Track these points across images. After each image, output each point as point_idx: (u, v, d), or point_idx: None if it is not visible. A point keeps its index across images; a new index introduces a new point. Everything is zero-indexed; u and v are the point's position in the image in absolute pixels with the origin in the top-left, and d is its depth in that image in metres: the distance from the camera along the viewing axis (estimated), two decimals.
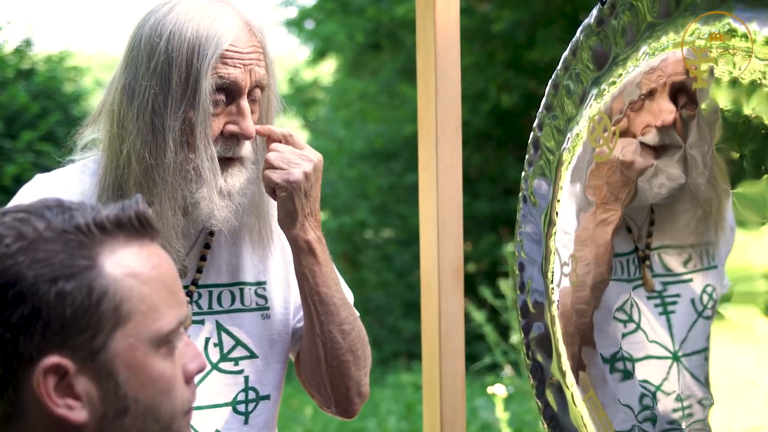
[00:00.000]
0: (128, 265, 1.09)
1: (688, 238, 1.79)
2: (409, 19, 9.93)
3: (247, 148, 1.70)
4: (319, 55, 12.48)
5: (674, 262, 1.81)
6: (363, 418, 6.74)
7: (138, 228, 1.11)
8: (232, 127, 1.66)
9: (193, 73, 1.62)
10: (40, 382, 1.04)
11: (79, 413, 1.06)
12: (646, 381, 1.80)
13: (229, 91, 1.65)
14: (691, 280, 1.80)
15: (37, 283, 1.04)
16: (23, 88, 9.04)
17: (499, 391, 4.36)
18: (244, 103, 1.66)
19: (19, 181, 8.66)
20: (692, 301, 1.79)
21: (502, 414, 4.50)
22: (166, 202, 1.65)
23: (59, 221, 1.08)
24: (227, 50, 1.64)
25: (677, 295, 1.80)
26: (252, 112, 1.69)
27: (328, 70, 13.59)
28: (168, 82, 1.63)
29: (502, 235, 10.26)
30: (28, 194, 1.74)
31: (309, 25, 12.43)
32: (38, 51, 9.83)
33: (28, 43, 9.63)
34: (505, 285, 5.85)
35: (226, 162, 1.68)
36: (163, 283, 1.11)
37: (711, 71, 1.46)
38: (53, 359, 1.04)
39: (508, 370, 6.15)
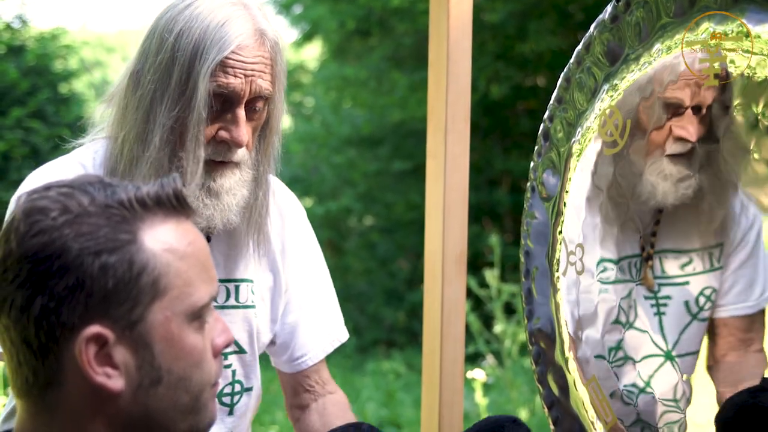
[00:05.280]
0: (166, 241, 1.13)
1: (695, 243, 1.81)
2: (403, 7, 9.94)
3: (240, 153, 1.68)
4: (306, 38, 12.43)
5: (672, 265, 1.84)
6: None
7: (176, 205, 1.15)
8: (223, 134, 1.66)
9: (193, 76, 1.61)
10: (82, 350, 1.08)
11: (116, 381, 1.10)
12: (633, 384, 1.83)
13: (227, 98, 1.64)
14: (687, 282, 1.83)
15: (81, 256, 1.07)
16: (13, 65, 9.01)
17: (478, 375, 4.41)
18: (240, 112, 1.65)
19: (8, 158, 8.62)
20: (686, 303, 1.82)
21: (481, 399, 4.55)
22: None
23: (102, 196, 1.11)
24: (229, 57, 1.62)
25: (668, 297, 1.83)
26: (251, 120, 1.68)
27: (313, 54, 13.54)
28: (168, 80, 1.63)
29: (485, 225, 10.32)
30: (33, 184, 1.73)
31: (297, 9, 12.39)
32: (30, 28, 9.80)
33: (21, 19, 9.59)
34: (489, 275, 5.90)
35: (219, 165, 1.68)
36: (198, 259, 1.15)
37: (724, 69, 1.51)
38: (95, 329, 1.08)
39: (490, 359, 6.21)
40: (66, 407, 1.10)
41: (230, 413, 1.82)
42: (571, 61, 1.74)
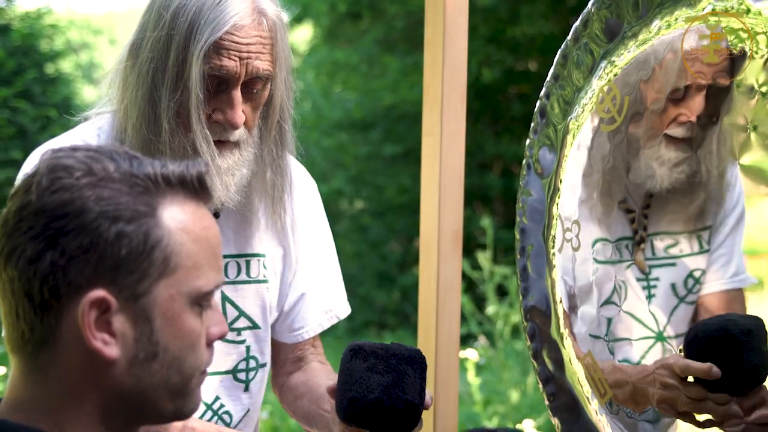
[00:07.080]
0: (183, 221, 1.14)
1: (683, 225, 1.83)
2: None
3: (238, 133, 1.66)
4: (295, 21, 12.36)
5: (662, 248, 1.86)
6: None
7: (198, 189, 1.16)
8: (218, 116, 1.64)
9: (188, 56, 1.58)
10: (85, 312, 1.08)
11: (112, 349, 1.10)
12: (626, 360, 1.85)
13: (222, 80, 1.61)
14: (674, 264, 1.84)
15: (99, 219, 1.08)
16: None
17: (471, 355, 4.44)
18: (236, 94, 1.62)
19: None
20: (672, 285, 1.84)
21: (473, 379, 4.58)
22: None
23: (127, 165, 1.12)
24: (223, 38, 1.58)
25: (657, 279, 1.85)
26: (250, 101, 1.65)
27: (303, 37, 13.49)
28: (166, 61, 1.60)
29: (477, 209, 10.34)
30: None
31: None
32: (15, 7, 9.75)
33: None
34: (482, 257, 5.92)
35: (217, 144, 1.66)
36: (210, 245, 1.16)
37: (724, 45, 1.51)
38: (99, 293, 1.08)
39: (482, 341, 6.24)
40: (59, 370, 1.11)
41: (246, 389, 1.82)
42: (569, 38, 1.74)
